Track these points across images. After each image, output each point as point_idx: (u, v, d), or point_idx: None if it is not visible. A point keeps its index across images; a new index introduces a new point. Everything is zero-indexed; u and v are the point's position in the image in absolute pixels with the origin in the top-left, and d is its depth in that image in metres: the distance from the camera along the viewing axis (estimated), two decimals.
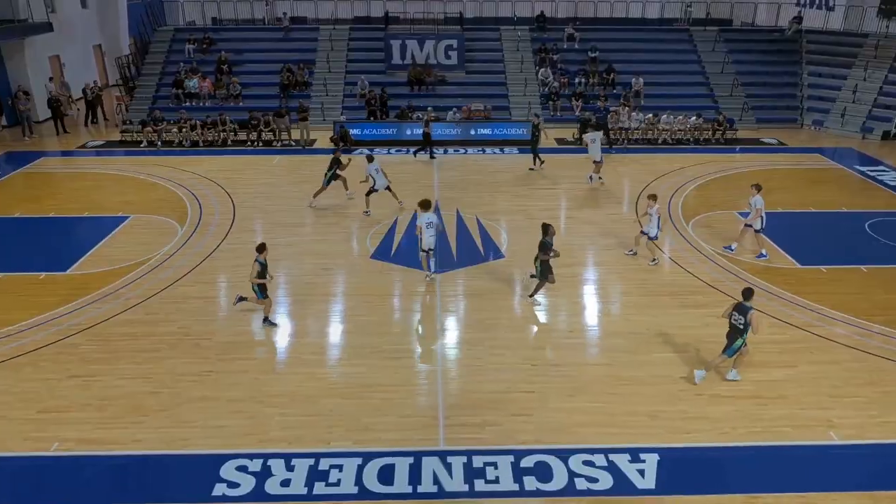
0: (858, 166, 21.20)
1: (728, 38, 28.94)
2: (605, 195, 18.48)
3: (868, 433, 8.92)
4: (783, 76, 27.44)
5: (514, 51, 28.28)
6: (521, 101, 26.29)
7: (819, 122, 25.79)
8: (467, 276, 13.53)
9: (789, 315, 11.96)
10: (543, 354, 10.89)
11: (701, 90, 27.07)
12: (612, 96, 26.20)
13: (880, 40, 26.47)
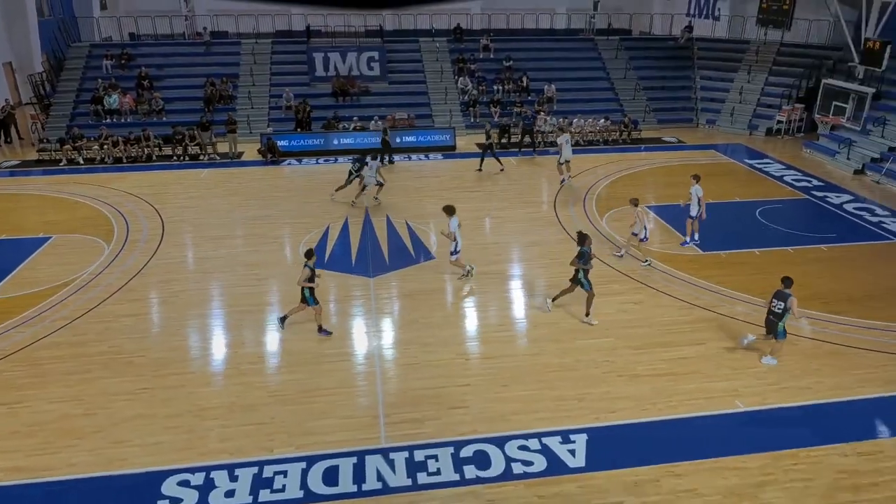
0: (747, 160, 22.58)
1: (628, 46, 30.18)
2: (526, 195, 18.84)
3: (768, 399, 9.50)
4: (679, 80, 28.87)
5: (434, 61, 28.45)
6: (443, 108, 26.47)
7: (712, 121, 27.29)
8: (400, 279, 13.48)
9: (696, 297, 12.58)
10: (476, 349, 10.99)
11: (607, 94, 28.09)
12: (527, 102, 26.77)
13: (760, 47, 28.31)
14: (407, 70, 28.21)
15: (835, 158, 22.15)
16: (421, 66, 28.38)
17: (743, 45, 29.03)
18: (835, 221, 16.79)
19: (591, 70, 29.21)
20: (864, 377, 10.05)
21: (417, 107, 26.41)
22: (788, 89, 26.51)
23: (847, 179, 20.61)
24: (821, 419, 9.09)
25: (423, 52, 28.92)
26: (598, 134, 24.75)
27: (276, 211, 17.47)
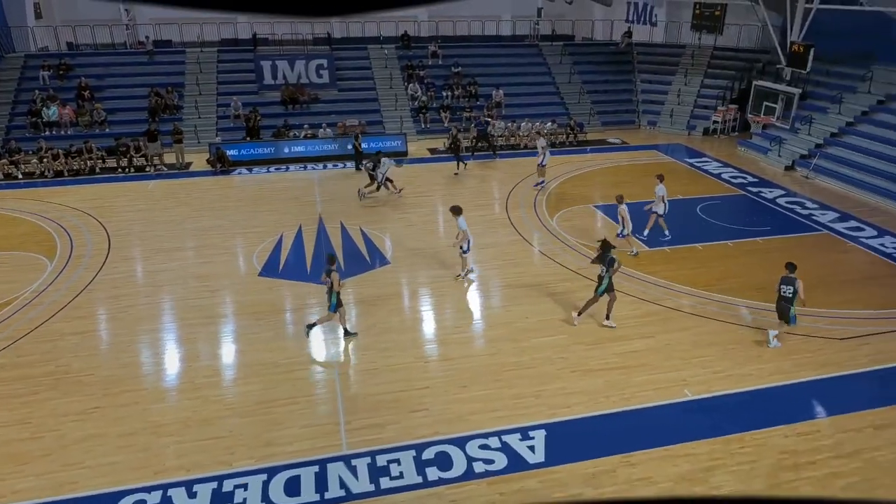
0: (687, 159, 23.36)
1: (572, 51, 30.82)
2: (478, 198, 18.97)
3: (715, 387, 9.84)
4: (620, 83, 29.64)
5: (383, 68, 28.37)
6: (394, 115, 26.41)
7: (653, 123, 28.13)
8: (356, 285, 13.37)
9: (644, 292, 12.93)
10: (434, 351, 11.00)
11: (553, 98, 28.59)
12: (476, 108, 27.00)
13: (695, 51, 29.35)
14: (356, 77, 28.04)
15: (767, 156, 23.14)
16: (370, 73, 28.25)
17: (679, 50, 30.04)
18: (769, 215, 17.54)
19: (537, 75, 29.67)
20: (801, 361, 10.52)
21: (368, 114, 26.27)
22: (722, 91, 27.58)
23: (779, 175, 21.57)
24: (763, 403, 9.47)
25: (372, 59, 28.81)
26: (546, 137, 25.11)
27: (228, 221, 17.08)
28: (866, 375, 10.19)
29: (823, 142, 22.05)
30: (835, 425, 8.97)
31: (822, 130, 22.48)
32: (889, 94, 22.01)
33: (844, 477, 8.00)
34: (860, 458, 8.32)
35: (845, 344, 11.06)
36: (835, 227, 16.62)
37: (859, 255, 15.06)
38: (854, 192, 19.34)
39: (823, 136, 22.26)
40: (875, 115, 21.77)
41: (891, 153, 19.80)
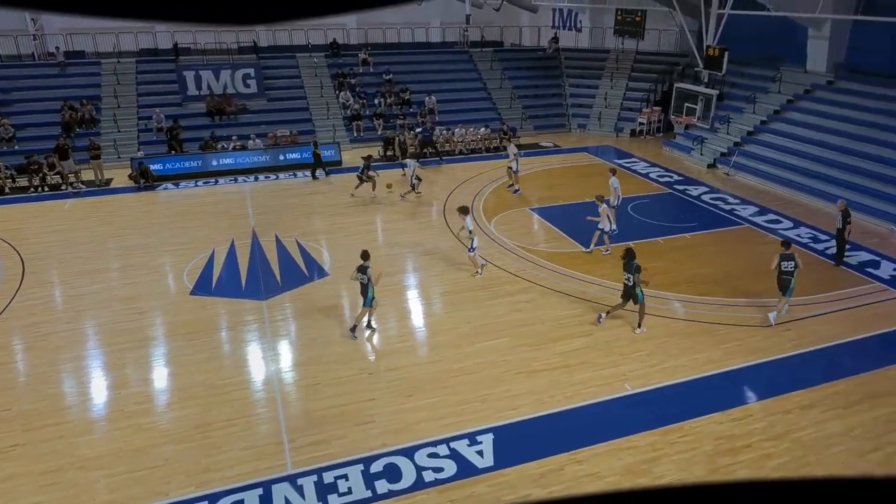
0: (616, 160, 24.19)
1: (501, 57, 31.41)
2: (416, 205, 19.00)
3: (653, 380, 10.20)
4: (550, 88, 30.43)
5: (313, 76, 28.02)
6: (326, 124, 26.11)
7: (582, 126, 29.01)
8: (294, 299, 13.10)
9: (581, 292, 13.27)
10: (378, 362, 10.90)
11: (485, 104, 29.02)
12: (409, 115, 27.06)
13: (619, 55, 30.50)
14: (285, 86, 27.57)
15: (690, 155, 24.28)
16: (300, 81, 27.85)
17: (604, 54, 31.14)
18: (695, 212, 18.39)
19: (469, 81, 30.06)
20: (731, 350, 11.06)
21: (299, 123, 25.86)
22: (646, 93, 28.78)
23: (702, 173, 22.66)
24: (698, 392, 9.89)
25: (301, 67, 28.41)
26: (480, 142, 25.48)
27: (155, 239, 16.39)
28: (791, 359, 10.81)
29: (741, 140, 23.35)
30: (765, 409, 9.47)
31: (739, 129, 23.79)
32: (797, 93, 23.56)
33: (776, 458, 8.45)
34: (789, 438, 8.81)
35: (771, 331, 11.70)
36: (755, 221, 17.60)
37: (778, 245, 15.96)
38: (771, 186, 20.56)
39: (741, 134, 23.57)
40: (786, 114, 23.24)
41: (800, 149, 21.18)
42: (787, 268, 11.61)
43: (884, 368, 10.44)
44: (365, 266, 11.18)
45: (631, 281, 11.39)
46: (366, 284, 11.17)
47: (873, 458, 8.43)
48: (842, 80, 22.81)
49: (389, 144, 24.17)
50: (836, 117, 21.34)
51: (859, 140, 19.94)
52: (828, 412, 9.35)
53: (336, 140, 24.76)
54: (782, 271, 11.66)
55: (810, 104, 22.89)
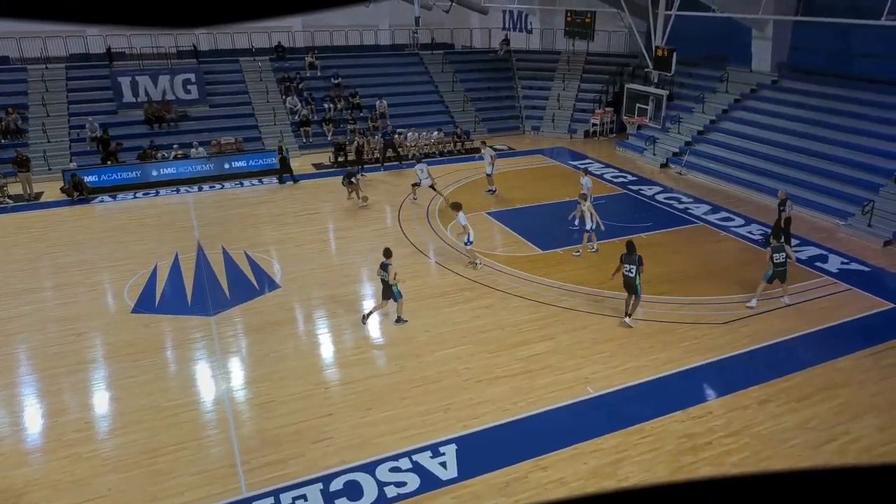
0: (571, 161, 24.65)
1: (453, 59, 31.63)
2: (371, 212, 18.89)
3: (615, 381, 10.40)
4: (502, 90, 30.80)
5: (258, 81, 27.60)
6: (272, 130, 25.73)
7: (536, 128, 29.45)
8: (245, 313, 12.82)
9: (541, 295, 13.43)
10: (334, 375, 10.76)
11: (438, 107, 29.15)
12: (360, 119, 26.94)
13: (570, 56, 31.14)
14: (229, 92, 27.07)
15: (643, 155, 24.95)
16: (244, 86, 27.39)
17: (555, 56, 31.72)
18: (650, 211, 18.89)
19: (420, 84, 30.14)
20: (689, 348, 11.38)
21: (244, 130, 25.42)
22: (598, 94, 29.45)
23: (655, 173, 23.31)
24: (660, 392, 10.13)
25: (245, 71, 27.95)
26: (434, 146, 25.56)
27: (92, 255, 15.80)
28: (747, 355, 11.20)
29: (692, 139, 24.13)
30: (724, 405, 9.77)
31: (689, 129, 24.59)
32: (743, 93, 24.52)
33: (736, 454, 8.72)
34: (748, 433, 9.11)
35: (727, 327, 12.10)
36: (708, 219, 18.19)
37: (731, 243, 16.58)
38: (722, 185, 21.30)
39: (691, 134, 24.36)
40: (734, 113, 24.16)
41: (749, 147, 22.03)
42: (779, 259, 12.38)
43: (833, 360, 10.93)
44: (386, 264, 11.85)
45: (633, 272, 11.78)
46: (387, 282, 11.82)
47: (828, 448, 8.80)
48: (785, 80, 23.86)
49: (340, 150, 23.99)
50: (782, 115, 22.29)
51: (804, 137, 20.87)
52: (783, 406, 9.71)
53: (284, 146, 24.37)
54: (776, 263, 12.38)
55: (756, 103, 23.85)
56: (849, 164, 19.07)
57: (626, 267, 11.92)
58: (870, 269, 14.79)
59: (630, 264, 11.85)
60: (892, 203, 16.97)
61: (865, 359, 11.01)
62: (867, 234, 16.57)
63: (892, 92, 20.20)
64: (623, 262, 11.99)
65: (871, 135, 19.40)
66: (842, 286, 13.77)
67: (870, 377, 10.45)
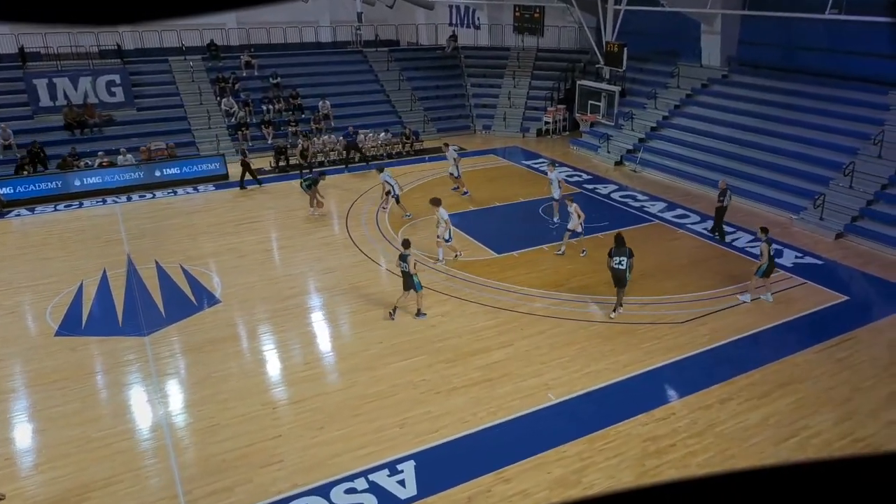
0: (524, 161, 24.99)
1: (398, 57, 31.64)
2: (315, 219, 18.66)
3: (576, 386, 10.56)
4: (451, 88, 30.99)
5: (190, 82, 26.97)
6: (208, 134, 25.17)
7: (488, 127, 29.74)
8: (182, 331, 12.47)
9: (497, 300, 13.54)
10: (283, 394, 10.57)
11: (384, 107, 29.10)
12: (302, 121, 26.63)
13: (520, 53, 31.59)
14: (158, 94, 26.37)
15: (597, 153, 25.50)
16: (174, 88, 26.72)
17: (504, 52, 32.13)
18: (606, 210, 19.30)
19: (365, 83, 30.03)
20: (651, 349, 11.66)
21: (176, 134, 24.79)
22: (550, 91, 29.95)
23: (610, 171, 23.85)
24: (622, 395, 10.34)
25: (175, 72, 27.27)
26: (381, 148, 25.48)
27: (8, 274, 15.10)
28: (707, 354, 11.56)
29: (645, 136, 24.80)
30: (686, 405, 10.05)
31: (642, 125, 25.28)
32: (694, 88, 25.37)
33: (700, 454, 8.98)
34: (711, 433, 9.40)
35: (686, 327, 12.46)
36: (664, 217, 18.72)
37: (688, 240, 17.10)
38: (677, 181, 21.95)
39: (644, 130, 25.04)
40: (686, 109, 24.96)
41: (701, 143, 22.80)
42: (773, 251, 13.05)
43: (791, 356, 11.39)
44: (406, 255, 12.40)
45: (624, 265, 12.16)
46: (407, 272, 12.32)
47: (790, 444, 9.16)
48: (735, 74, 24.81)
49: (281, 154, 23.66)
50: (733, 110, 23.16)
51: (755, 132, 21.73)
52: (745, 403, 10.06)
53: (220, 151, 23.91)
54: (772, 256, 13.00)
55: (708, 98, 24.71)
56: (799, 158, 19.95)
57: (615, 259, 12.30)
58: (823, 263, 15.50)
59: (620, 256, 12.26)
60: (842, 196, 17.84)
61: (821, 353, 11.52)
62: (819, 228, 17.36)
63: (837, 85, 21.26)
64: (612, 255, 12.36)
65: (819, 128, 20.35)
66: (797, 280, 14.37)
67: (825, 371, 10.94)
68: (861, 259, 15.69)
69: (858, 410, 9.88)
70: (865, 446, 9.14)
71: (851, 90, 20.78)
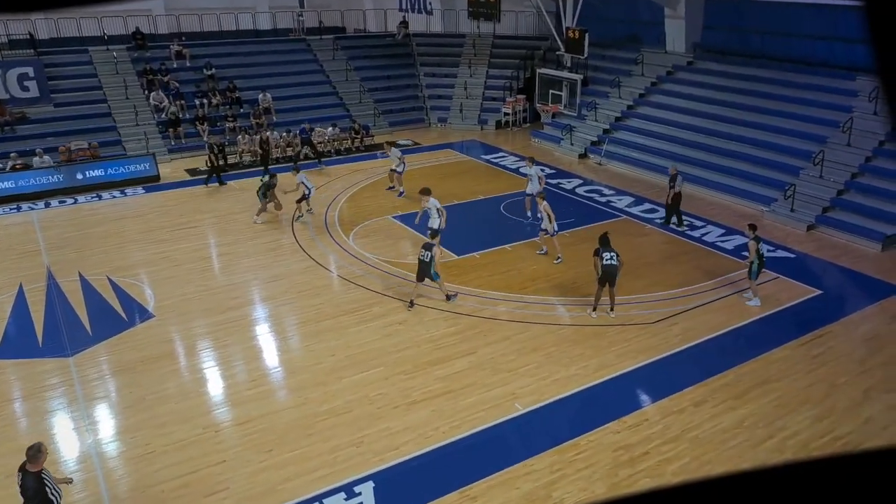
0: (483, 155, 25.15)
1: (345, 45, 31.48)
2: (250, 223, 18.36)
3: (545, 395, 10.66)
4: (403, 78, 30.99)
5: (114, 74, 26.28)
6: (135, 132, 24.55)
7: (443, 119, 29.83)
8: (112, 350, 12.13)
9: (458, 305, 13.58)
10: (227, 415, 10.38)
11: (331, 100, 28.90)
12: (240, 115, 26.24)
13: (475, 40, 31.79)
14: (78, 87, 25.60)
15: (560, 145, 25.85)
16: (97, 81, 25.99)
17: (459, 39, 32.29)
18: (571, 206, 19.56)
19: (309, 74, 29.78)
20: (621, 352, 11.87)
21: (100, 132, 24.13)
22: (508, 81, 30.22)
23: (574, 164, 24.21)
24: (592, 402, 10.49)
25: (97, 63, 26.54)
26: (329, 144, 25.28)
27: None
28: (680, 355, 11.83)
29: (609, 127, 25.26)
30: (660, 410, 10.26)
31: (606, 115, 25.73)
32: (659, 75, 25.96)
33: (675, 461, 9.17)
34: (686, 438, 9.61)
35: (658, 327, 12.72)
36: (632, 212, 19.09)
37: (656, 236, 17.47)
38: (644, 174, 22.42)
39: (609, 121, 25.50)
40: (651, 97, 25.52)
41: (668, 133, 23.34)
42: (761, 250, 13.29)
43: (766, 353, 11.75)
44: (430, 244, 13.14)
45: (615, 260, 12.65)
46: (427, 262, 12.90)
47: (768, 445, 9.44)
48: (701, 60, 25.49)
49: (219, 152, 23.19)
50: (699, 98, 23.79)
51: (722, 121, 22.35)
52: (720, 405, 10.33)
53: (150, 151, 23.35)
54: (760, 255, 13.24)
55: (673, 86, 25.32)
56: (768, 147, 20.61)
57: (606, 255, 12.64)
58: (795, 256, 16.04)
59: (611, 251, 12.67)
60: (812, 186, 18.51)
61: (797, 349, 11.91)
62: (790, 220, 17.97)
63: (805, 71, 22.05)
64: (601, 253, 12.68)
65: (788, 116, 21.06)
66: (769, 275, 14.81)
67: (802, 368, 11.32)
68: (833, 251, 16.29)
69: (836, 408, 10.25)
70: (845, 444, 9.49)
71: (819, 76, 21.60)
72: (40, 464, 7.25)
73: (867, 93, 19.51)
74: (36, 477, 7.16)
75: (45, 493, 7.12)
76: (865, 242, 16.55)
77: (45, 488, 7.14)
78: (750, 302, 13.59)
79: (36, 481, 7.14)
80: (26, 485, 7.13)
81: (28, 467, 7.23)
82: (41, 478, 7.19)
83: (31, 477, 7.16)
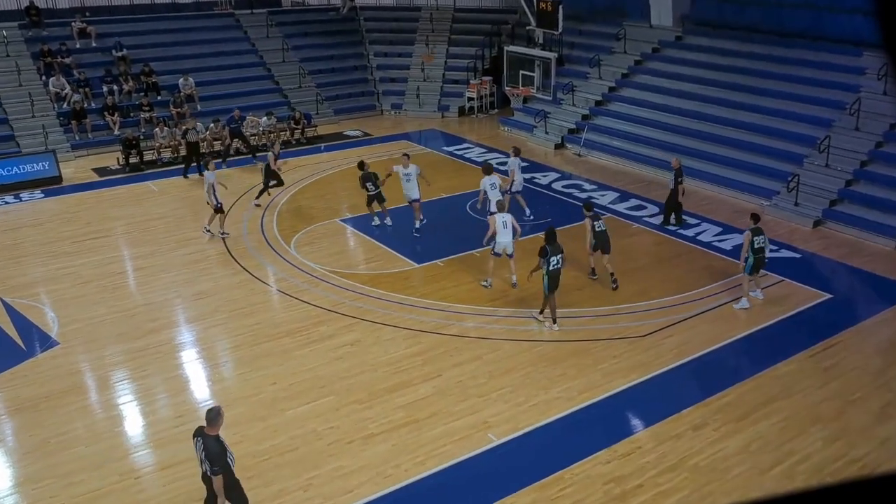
0: (445, 147, 25.24)
1: (281, 21, 31.34)
2: (182, 229, 18.13)
3: (521, 423, 10.71)
4: (350, 59, 30.98)
5: (3, 56, 25.70)
6: (32, 125, 24.04)
7: (398, 106, 29.86)
8: (7, 385, 11.86)
9: (420, 322, 13.57)
10: (148, 459, 10.22)
11: (265, 84, 28.73)
12: (158, 104, 25.88)
13: (433, 13, 31.92)
14: None
15: (534, 134, 26.08)
16: None
17: (415, 14, 32.42)
18: (548, 204, 19.74)
19: (238, 55, 29.57)
20: (609, 370, 12.00)
21: None
22: (472, 61, 30.40)
23: (550, 156, 24.45)
24: (577, 429, 10.57)
25: None
26: (264, 136, 25.08)
27: None
28: (675, 372, 12.00)
29: (589, 112, 25.58)
30: (655, 436, 10.38)
31: (585, 99, 26.06)
32: (644, 52, 26.40)
33: (673, 494, 9.29)
34: (684, 467, 9.74)
35: (649, 340, 12.89)
36: (617, 209, 19.34)
37: (645, 236, 17.73)
38: (629, 165, 22.75)
39: (588, 105, 25.84)
40: (634, 78, 25.93)
41: (655, 118, 23.70)
42: (760, 244, 13.47)
43: (771, 367, 11.99)
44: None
45: (561, 263, 12.90)
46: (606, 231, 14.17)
47: (777, 472, 9.62)
48: (690, 35, 26.01)
49: (133, 147, 22.87)
50: (689, 78, 24.22)
51: (716, 104, 22.80)
52: (721, 429, 10.50)
53: (49, 147, 22.87)
54: (756, 249, 13.41)
55: (660, 64, 25.77)
56: (768, 133, 21.08)
57: (553, 259, 12.76)
58: (801, 256, 16.43)
59: (558, 254, 12.82)
60: (818, 176, 18.98)
61: (805, 362, 12.19)
62: (795, 215, 18.40)
63: (806, 46, 22.61)
64: (548, 255, 12.78)
65: (788, 97, 21.58)
66: (773, 278, 15.14)
67: (812, 383, 11.58)
68: (843, 249, 16.73)
69: (850, 427, 10.51)
70: (862, 468, 9.73)
71: (822, 52, 22.17)
72: (218, 427, 8.06)
73: (875, 70, 20.04)
74: (216, 440, 7.98)
75: (225, 457, 8.00)
76: (878, 239, 17.01)
77: (225, 452, 7.99)
78: (737, 305, 13.88)
79: (217, 444, 7.95)
80: (210, 448, 7.89)
81: (207, 430, 8.01)
82: (221, 441, 8.05)
83: (212, 440, 7.95)
